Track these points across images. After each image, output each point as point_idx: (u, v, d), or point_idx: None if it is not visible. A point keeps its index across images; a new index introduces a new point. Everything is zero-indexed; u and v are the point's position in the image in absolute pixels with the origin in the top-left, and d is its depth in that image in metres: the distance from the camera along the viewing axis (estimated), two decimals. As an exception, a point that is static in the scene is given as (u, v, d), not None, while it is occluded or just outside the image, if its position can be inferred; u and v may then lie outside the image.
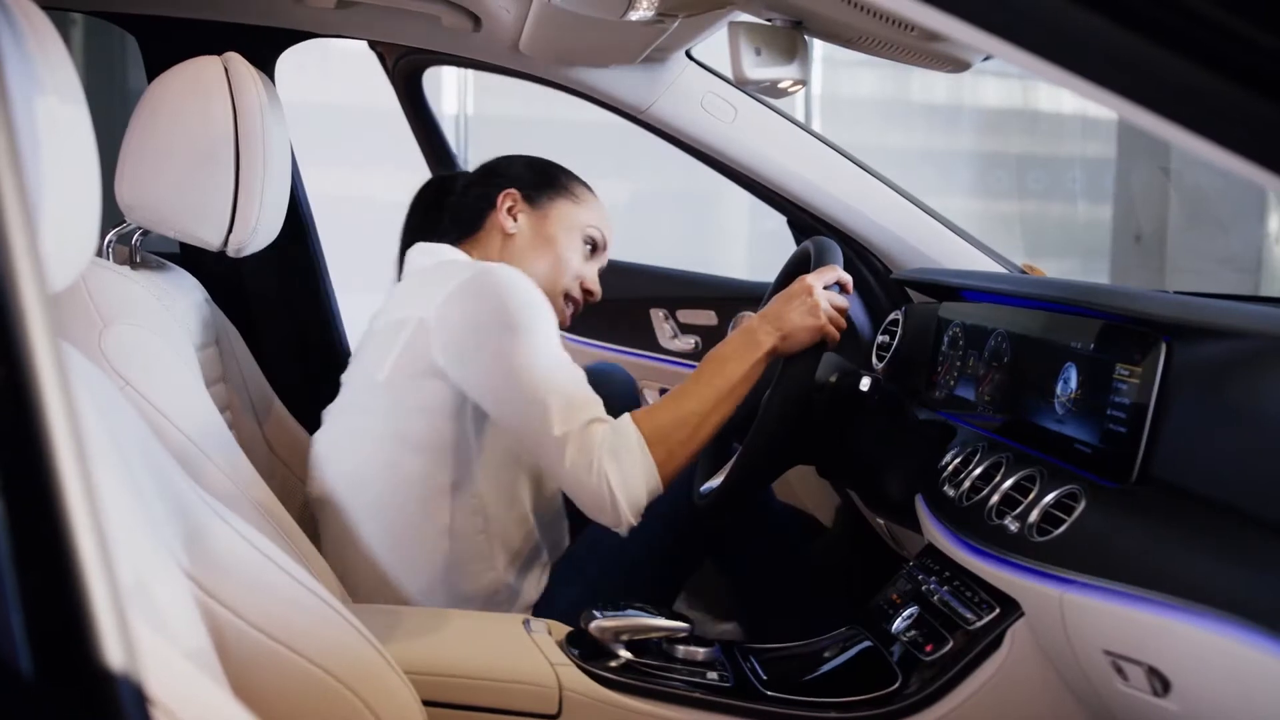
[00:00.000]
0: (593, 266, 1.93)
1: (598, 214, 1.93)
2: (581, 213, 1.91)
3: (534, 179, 1.92)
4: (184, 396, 1.54)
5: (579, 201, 1.92)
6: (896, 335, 2.06)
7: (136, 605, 0.81)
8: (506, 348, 1.61)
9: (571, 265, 1.89)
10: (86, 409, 0.87)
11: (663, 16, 1.68)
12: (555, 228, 1.89)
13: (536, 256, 1.87)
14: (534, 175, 1.93)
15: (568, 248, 1.89)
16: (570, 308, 1.91)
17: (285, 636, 1.02)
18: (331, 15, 2.10)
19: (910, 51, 1.57)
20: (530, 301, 1.65)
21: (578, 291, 1.91)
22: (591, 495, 1.57)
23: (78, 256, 0.77)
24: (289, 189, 1.73)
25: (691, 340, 2.56)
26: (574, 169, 1.97)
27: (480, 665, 1.41)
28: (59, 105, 0.72)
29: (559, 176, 1.94)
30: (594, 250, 1.93)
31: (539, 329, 1.63)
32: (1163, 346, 1.27)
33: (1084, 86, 0.76)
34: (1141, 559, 1.18)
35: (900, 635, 1.56)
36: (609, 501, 1.57)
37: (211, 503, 1.05)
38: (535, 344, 1.62)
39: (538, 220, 1.89)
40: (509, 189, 1.90)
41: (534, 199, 1.90)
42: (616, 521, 1.59)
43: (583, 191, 1.94)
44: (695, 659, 1.48)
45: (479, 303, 1.64)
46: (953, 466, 1.64)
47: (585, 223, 1.91)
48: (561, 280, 1.88)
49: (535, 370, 1.60)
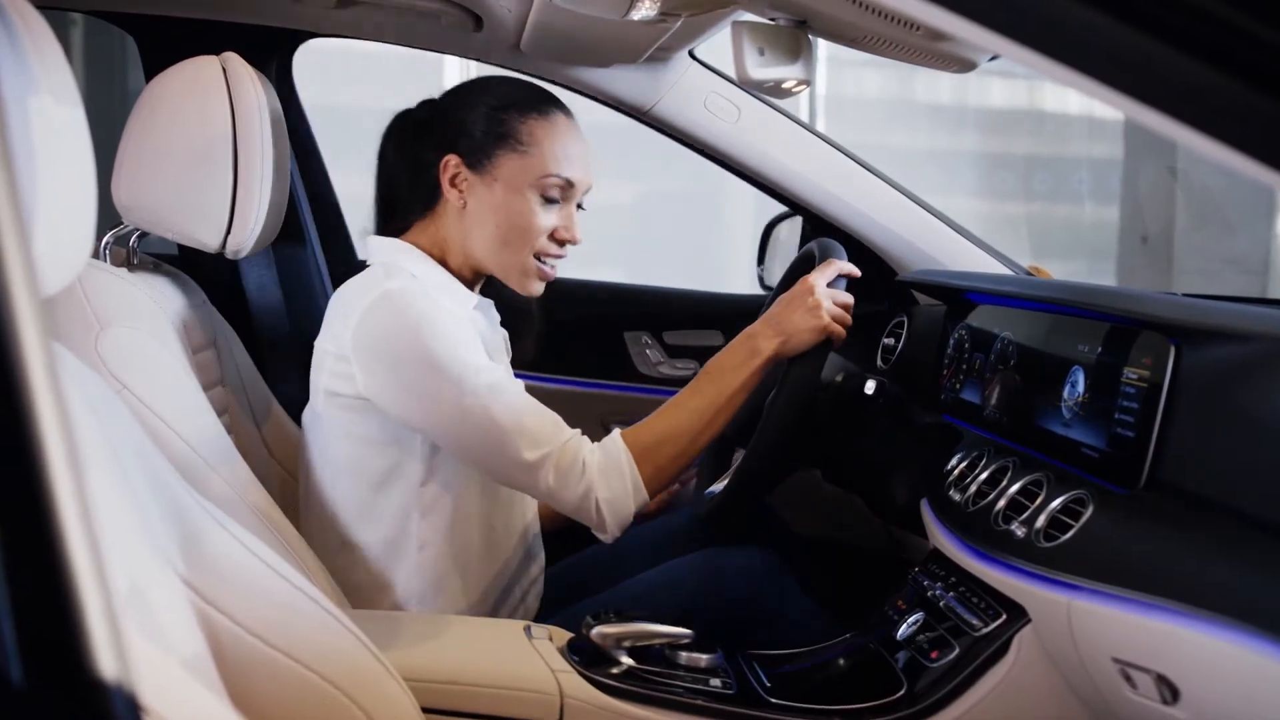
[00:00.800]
0: (565, 212, 1.69)
1: (554, 153, 1.66)
2: (531, 164, 1.65)
3: (475, 135, 1.67)
4: (181, 400, 1.53)
5: (526, 150, 1.65)
6: (901, 338, 2.06)
7: (132, 612, 0.80)
8: (436, 389, 1.55)
9: (533, 228, 1.66)
10: (81, 413, 0.86)
11: (665, 16, 1.67)
12: (505, 192, 1.65)
13: (492, 229, 1.67)
14: (474, 129, 1.67)
15: (523, 212, 1.65)
16: (550, 265, 1.71)
17: (282, 643, 1.02)
18: (332, 15, 2.09)
19: (915, 51, 1.56)
20: (437, 332, 1.55)
21: (553, 247, 1.69)
22: (575, 510, 1.58)
23: (73, 259, 0.76)
24: (288, 190, 1.72)
25: (690, 365, 2.47)
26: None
27: (480, 672, 1.40)
28: (54, 106, 0.72)
29: (501, 120, 1.67)
30: (555, 199, 1.68)
31: (458, 357, 1.55)
32: (1171, 350, 1.26)
33: (1090, 85, 0.76)
34: (1150, 565, 1.17)
35: (905, 641, 1.55)
36: (595, 519, 1.57)
37: (208, 507, 1.04)
38: (463, 376, 1.54)
39: (486, 187, 1.66)
40: (448, 155, 1.67)
41: (477, 163, 1.66)
42: (602, 532, 1.59)
43: (531, 130, 1.66)
44: (698, 666, 1.47)
45: (389, 345, 1.57)
46: (958, 471, 1.64)
47: (537, 175, 1.65)
48: (526, 249, 1.67)
49: (476, 403, 1.54)
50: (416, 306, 1.56)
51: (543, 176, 1.65)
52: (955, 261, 2.17)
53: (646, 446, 1.59)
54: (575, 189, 1.69)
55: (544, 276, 1.71)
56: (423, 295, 1.58)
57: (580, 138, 1.71)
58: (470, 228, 1.68)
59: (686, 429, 1.61)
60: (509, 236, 1.67)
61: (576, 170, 1.68)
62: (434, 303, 1.58)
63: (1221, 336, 1.23)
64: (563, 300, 2.49)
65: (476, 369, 1.56)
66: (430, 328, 1.55)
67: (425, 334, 1.55)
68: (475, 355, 1.58)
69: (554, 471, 1.55)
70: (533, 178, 1.65)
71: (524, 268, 1.69)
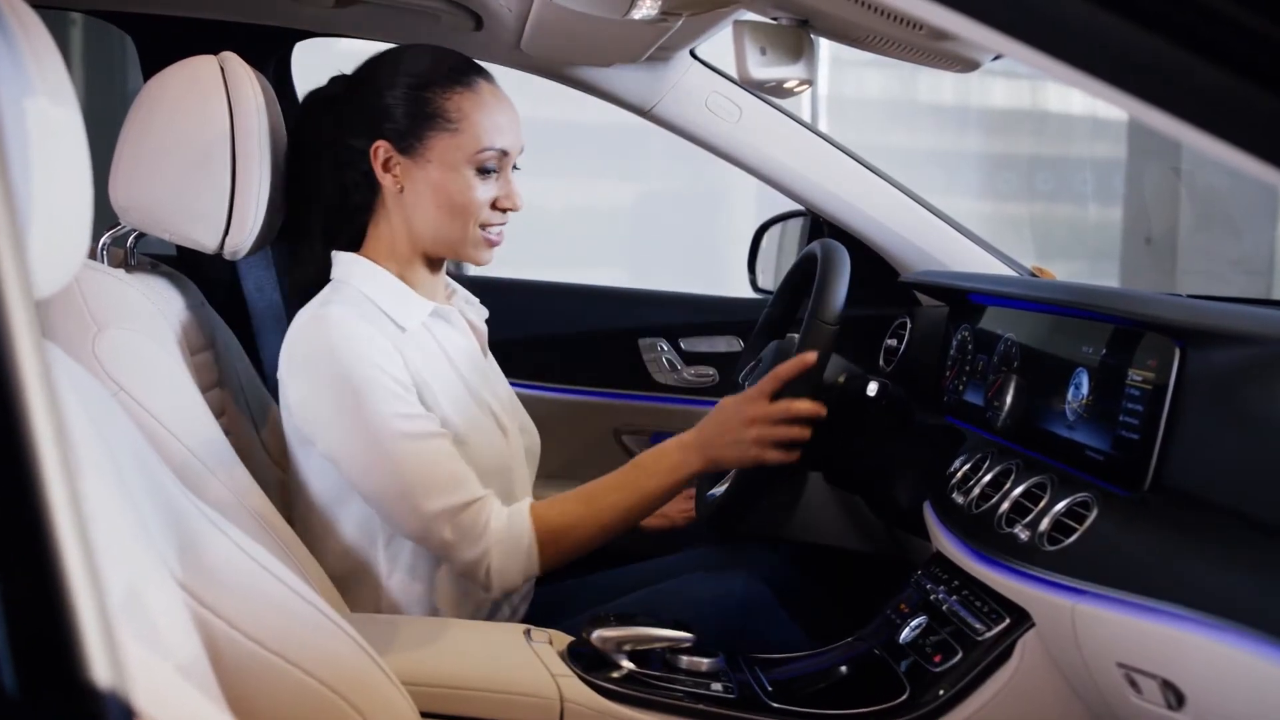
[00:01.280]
0: (503, 180, 1.65)
1: (484, 126, 1.61)
2: (463, 140, 1.61)
3: (400, 118, 1.62)
4: (179, 402, 1.53)
5: (456, 128, 1.61)
6: (904, 339, 2.05)
7: (128, 616, 0.80)
8: (346, 423, 1.53)
9: (473, 203, 1.62)
10: (77, 416, 0.86)
11: (666, 15, 1.67)
12: (440, 171, 1.61)
13: (433, 210, 1.62)
14: (397, 111, 1.62)
15: (461, 189, 1.61)
16: (495, 232, 1.66)
17: (280, 647, 1.01)
18: (330, 14, 2.09)
19: (918, 51, 1.55)
20: (356, 367, 1.52)
21: (496, 216, 1.65)
22: (464, 569, 1.55)
23: (69, 260, 0.75)
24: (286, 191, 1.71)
25: (709, 371, 2.42)
26: (578, 170, 1.92)
27: (480, 676, 1.39)
28: (50, 107, 0.71)
29: (425, 99, 1.61)
30: (493, 170, 1.63)
31: (375, 395, 1.51)
32: (1176, 352, 1.26)
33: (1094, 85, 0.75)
34: (1155, 569, 1.17)
35: (908, 646, 1.54)
36: (481, 580, 1.55)
37: (206, 511, 1.03)
38: (374, 416, 1.51)
39: (420, 169, 1.62)
40: (376, 142, 1.62)
41: (408, 146, 1.62)
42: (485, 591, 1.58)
43: (458, 105, 1.61)
44: (699, 670, 1.46)
45: (307, 368, 1.56)
46: (961, 473, 1.63)
47: (471, 150, 1.60)
48: (470, 223, 1.63)
49: (383, 445, 1.51)
50: (342, 333, 1.54)
51: (477, 152, 1.61)
52: (958, 262, 2.16)
53: (554, 529, 1.56)
54: (509, 157, 1.66)
55: (491, 244, 1.67)
56: (355, 322, 1.55)
57: (506, 104, 1.67)
58: (411, 212, 1.64)
59: (596, 522, 1.57)
60: (451, 214, 1.63)
61: (508, 138, 1.64)
62: (366, 337, 1.54)
63: (1227, 338, 1.23)
64: (571, 306, 2.48)
65: (391, 412, 1.52)
66: (351, 360, 1.52)
67: (345, 365, 1.52)
68: (392, 396, 1.53)
69: (452, 527, 1.51)
70: (467, 154, 1.61)
71: (471, 240, 1.65)
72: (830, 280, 1.67)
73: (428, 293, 1.68)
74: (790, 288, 1.94)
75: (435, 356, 1.64)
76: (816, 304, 1.66)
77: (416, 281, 1.67)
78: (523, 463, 1.76)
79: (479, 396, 1.67)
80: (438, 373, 1.62)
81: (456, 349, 1.68)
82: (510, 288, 2.54)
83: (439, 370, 1.63)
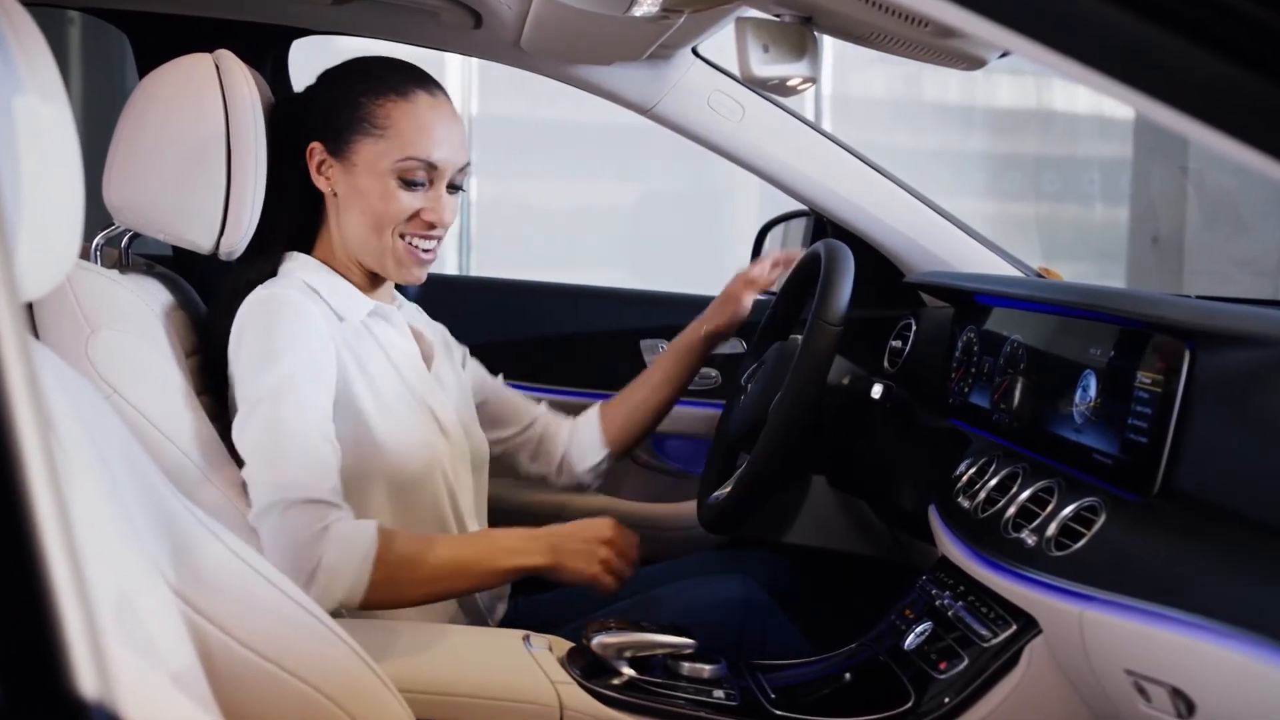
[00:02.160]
0: (431, 194, 1.62)
1: (410, 136, 1.60)
2: (386, 147, 1.59)
3: (334, 121, 1.62)
4: (174, 404, 1.52)
5: (382, 133, 1.59)
6: (909, 341, 2.04)
7: (119, 623, 0.79)
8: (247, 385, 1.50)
9: (390, 212, 1.60)
10: (68, 419, 0.85)
11: (668, 12, 1.66)
12: (364, 177, 1.60)
13: (357, 216, 1.62)
14: (333, 114, 1.62)
15: (382, 196, 1.59)
16: (422, 247, 1.64)
17: (275, 654, 1.00)
18: (328, 12, 2.08)
19: (924, 48, 1.54)
20: (294, 334, 1.51)
21: (416, 227, 1.62)
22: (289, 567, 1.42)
23: (59, 261, 0.75)
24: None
25: (711, 374, 2.38)
26: (580, 170, 1.91)
27: (478, 683, 1.38)
28: (40, 105, 0.70)
29: (359, 104, 1.61)
30: (416, 181, 1.61)
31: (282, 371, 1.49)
32: (1186, 354, 1.24)
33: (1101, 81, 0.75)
34: (1164, 575, 1.16)
35: (913, 652, 1.53)
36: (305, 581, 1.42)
37: (200, 515, 1.02)
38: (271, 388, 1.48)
39: (347, 173, 1.61)
40: (312, 143, 1.63)
41: (337, 149, 1.62)
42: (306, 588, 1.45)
43: (388, 113, 1.60)
44: (701, 676, 1.45)
45: (239, 335, 1.54)
46: (967, 477, 1.62)
47: (394, 159, 1.59)
48: (385, 233, 1.61)
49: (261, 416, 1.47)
50: (287, 308, 1.53)
51: (399, 160, 1.59)
52: (964, 263, 2.15)
53: (393, 554, 1.47)
54: (439, 170, 1.62)
55: (419, 260, 1.64)
56: (301, 301, 1.54)
57: (445, 117, 1.64)
58: (341, 216, 1.64)
59: (431, 566, 1.50)
60: (371, 222, 1.61)
61: (439, 151, 1.61)
62: (306, 316, 1.53)
63: (1238, 340, 1.22)
64: (573, 307, 2.46)
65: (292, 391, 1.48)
66: (285, 334, 1.51)
67: (277, 337, 1.51)
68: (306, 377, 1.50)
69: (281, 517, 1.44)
70: (390, 162, 1.59)
71: (392, 253, 1.62)
72: (834, 281, 1.66)
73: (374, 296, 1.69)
74: (794, 288, 1.93)
75: (372, 351, 1.63)
76: (820, 305, 1.65)
77: (360, 286, 1.67)
78: (467, 467, 1.74)
79: (417, 395, 1.66)
80: (372, 367, 1.61)
81: (395, 348, 1.67)
82: (511, 288, 2.54)
83: (374, 365, 1.62)
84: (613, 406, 1.98)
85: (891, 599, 1.68)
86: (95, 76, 4.03)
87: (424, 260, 1.65)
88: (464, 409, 1.80)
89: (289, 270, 1.64)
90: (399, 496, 1.62)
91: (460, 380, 1.83)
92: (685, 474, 2.39)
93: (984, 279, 2.02)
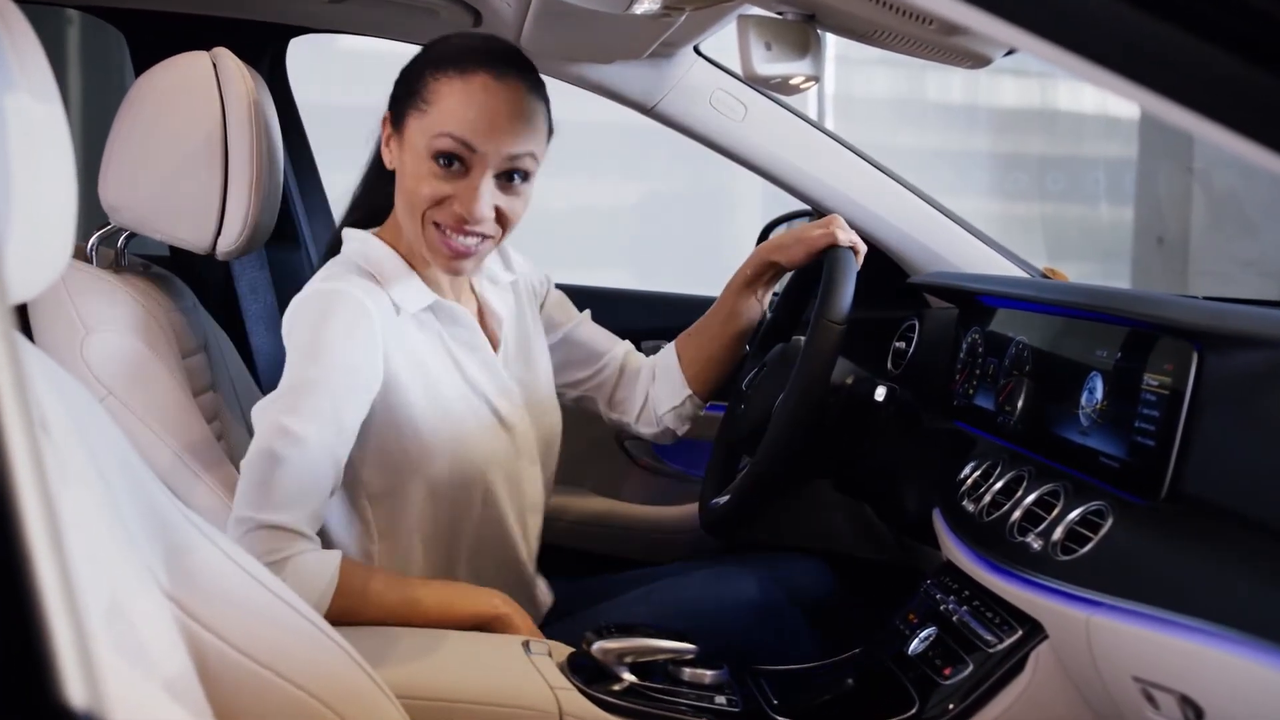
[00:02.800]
0: (467, 184, 1.50)
1: (452, 111, 1.49)
2: (428, 123, 1.50)
3: (399, 92, 1.56)
4: (170, 406, 1.51)
5: (426, 109, 1.50)
6: (913, 342, 2.03)
7: (111, 629, 0.78)
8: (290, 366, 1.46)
9: (419, 193, 1.50)
10: (61, 422, 0.84)
11: (669, 10, 1.65)
12: (408, 153, 1.52)
13: (400, 196, 1.55)
14: (400, 86, 1.57)
15: (415, 175, 1.51)
16: (459, 240, 1.52)
17: (271, 660, 0.99)
18: (325, 10, 2.07)
19: (928, 46, 1.53)
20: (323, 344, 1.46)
21: (447, 217, 1.51)
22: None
23: (52, 262, 0.74)
24: (280, 191, 1.69)
25: None
26: (582, 169, 1.89)
27: (477, 689, 1.36)
28: (32, 103, 0.70)
29: (420, 76, 1.53)
30: (455, 162, 1.50)
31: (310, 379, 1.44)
32: (1194, 355, 1.24)
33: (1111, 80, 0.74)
34: (1172, 580, 1.15)
35: (917, 658, 1.52)
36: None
37: (195, 519, 1.01)
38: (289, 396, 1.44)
39: (400, 148, 1.54)
40: (385, 114, 1.58)
41: (398, 122, 1.55)
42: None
43: (439, 87, 1.51)
44: (702, 682, 1.43)
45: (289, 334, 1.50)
46: (972, 480, 1.61)
47: (431, 133, 1.49)
48: (417, 216, 1.52)
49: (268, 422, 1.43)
50: (330, 310, 1.47)
51: (434, 136, 1.49)
52: (968, 263, 2.14)
53: (356, 588, 1.46)
54: (480, 154, 1.49)
55: (453, 252, 1.52)
56: (351, 304, 1.48)
57: (503, 100, 1.50)
58: (398, 193, 1.57)
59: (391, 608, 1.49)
60: (405, 203, 1.54)
61: (480, 134, 1.48)
62: (349, 325, 1.47)
63: (1246, 341, 1.21)
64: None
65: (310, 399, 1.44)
66: (323, 336, 1.46)
67: (316, 330, 1.47)
68: (332, 391, 1.45)
69: (247, 538, 1.41)
70: (428, 136, 1.49)
71: (425, 240, 1.53)
72: (837, 281, 1.65)
73: (436, 279, 1.61)
74: (796, 289, 1.92)
75: (431, 345, 1.58)
76: (823, 305, 1.63)
77: (426, 268, 1.60)
78: (534, 459, 1.70)
79: (478, 393, 1.62)
80: (431, 361, 1.57)
81: (459, 343, 1.62)
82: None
83: (433, 359, 1.58)
84: (687, 342, 1.92)
85: (895, 603, 1.67)
86: (94, 76, 4.02)
87: (459, 252, 1.53)
88: (538, 384, 1.75)
89: (351, 252, 1.57)
90: (441, 497, 1.59)
91: (539, 342, 1.78)
92: (687, 476, 2.38)
93: (989, 279, 2.01)
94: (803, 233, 1.81)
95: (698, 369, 1.89)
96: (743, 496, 1.69)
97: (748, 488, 1.69)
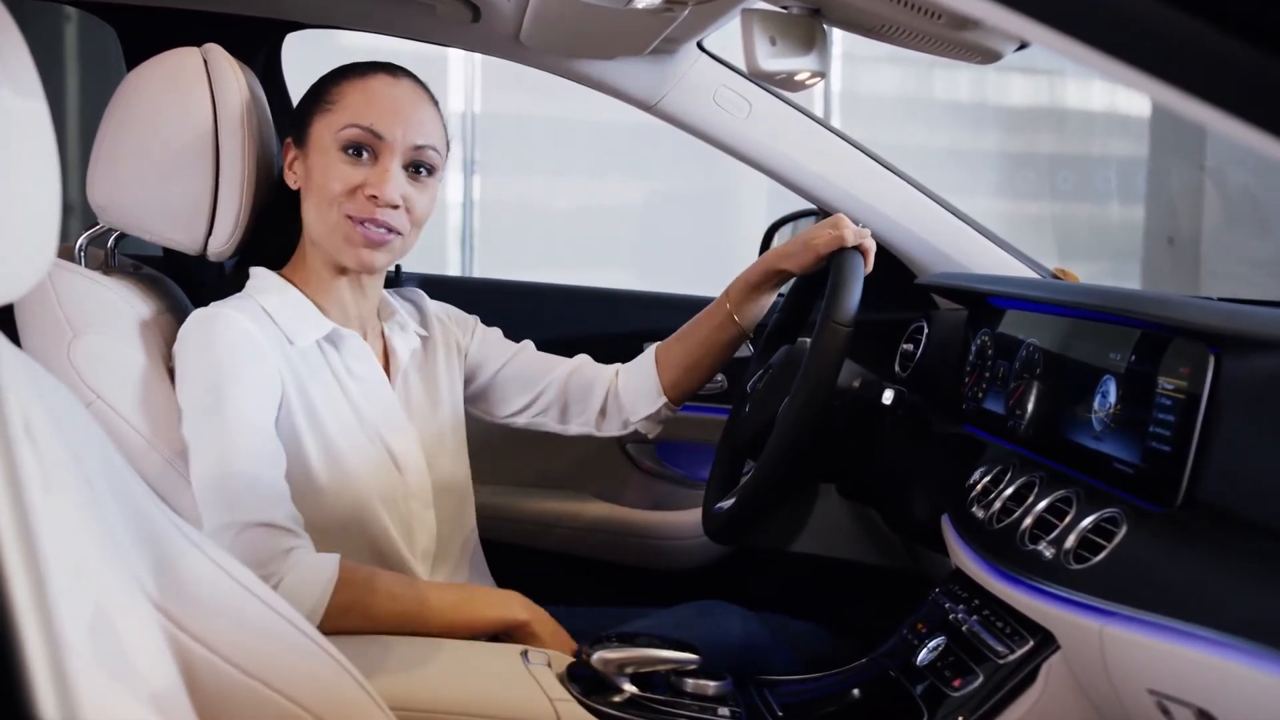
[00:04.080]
0: (377, 169, 1.53)
1: (357, 105, 1.54)
2: (333, 118, 1.54)
3: (298, 111, 1.60)
4: (158, 409, 1.50)
5: (332, 106, 1.55)
6: (921, 344, 2.01)
7: (95, 642, 0.76)
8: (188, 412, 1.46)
9: (331, 185, 1.52)
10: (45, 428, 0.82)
11: (671, 5, 1.64)
12: (315, 155, 1.54)
13: (309, 200, 1.56)
14: (298, 107, 1.61)
15: (324, 168, 1.53)
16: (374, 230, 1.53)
17: (261, 671, 0.97)
18: (321, 5, 2.07)
19: (937, 41, 1.52)
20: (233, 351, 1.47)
21: (362, 208, 1.53)
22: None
23: (35, 263, 0.72)
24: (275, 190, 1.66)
25: (718, 377, 2.31)
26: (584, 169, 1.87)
27: (473, 701, 1.34)
28: (12, 98, 0.68)
29: (315, 89, 1.59)
30: (363, 152, 1.53)
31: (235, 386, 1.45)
32: (1210, 359, 1.22)
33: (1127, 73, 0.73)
34: (1188, 590, 1.13)
35: (925, 668, 1.50)
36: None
37: (184, 527, 0.99)
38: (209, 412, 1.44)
39: (306, 158, 1.57)
40: (286, 139, 1.60)
41: (300, 137, 1.58)
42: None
43: (342, 90, 1.56)
44: (705, 693, 1.41)
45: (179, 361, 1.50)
46: (981, 485, 1.60)
47: (337, 127, 1.53)
48: (331, 210, 1.53)
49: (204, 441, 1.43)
50: (224, 328, 1.48)
51: (342, 128, 1.52)
52: (977, 264, 2.13)
53: (361, 584, 1.44)
54: (386, 142, 1.53)
55: (366, 241, 1.54)
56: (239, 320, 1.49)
57: (401, 94, 1.57)
58: (304, 208, 1.58)
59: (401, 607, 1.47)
60: (317, 200, 1.54)
61: (385, 121, 1.53)
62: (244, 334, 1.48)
63: (1264, 344, 1.19)
64: (577, 309, 2.44)
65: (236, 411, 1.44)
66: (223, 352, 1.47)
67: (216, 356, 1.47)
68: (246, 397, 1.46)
69: (237, 542, 1.40)
70: (333, 131, 1.53)
71: (341, 233, 1.54)
72: (844, 282, 1.63)
73: (341, 315, 1.61)
74: (802, 290, 1.90)
75: (322, 378, 1.56)
76: (829, 306, 1.61)
77: (331, 301, 1.61)
78: (427, 503, 1.66)
79: (369, 427, 1.59)
80: (323, 393, 1.55)
81: (353, 375, 1.60)
82: (515, 290, 2.52)
83: (325, 391, 1.56)
84: (670, 348, 1.88)
85: (903, 612, 1.66)
86: (92, 74, 4.03)
87: (372, 241, 1.54)
88: (441, 430, 1.73)
89: (250, 288, 1.59)
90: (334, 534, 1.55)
91: (451, 389, 1.77)
92: (689, 481, 2.36)
93: (998, 280, 2.00)
94: (809, 237, 1.77)
95: (677, 376, 1.85)
96: (747, 501, 1.67)
97: (752, 493, 1.67)
